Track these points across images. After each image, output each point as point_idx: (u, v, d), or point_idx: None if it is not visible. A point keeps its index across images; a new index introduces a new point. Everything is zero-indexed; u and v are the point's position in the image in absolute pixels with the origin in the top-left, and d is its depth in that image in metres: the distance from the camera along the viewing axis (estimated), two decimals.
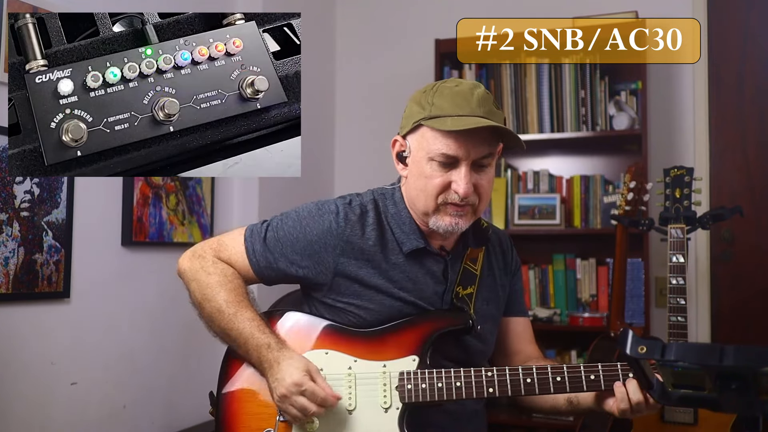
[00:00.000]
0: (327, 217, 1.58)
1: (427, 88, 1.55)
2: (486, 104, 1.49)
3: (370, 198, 1.63)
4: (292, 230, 1.58)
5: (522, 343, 1.73)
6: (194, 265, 1.60)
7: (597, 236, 3.24)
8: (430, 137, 1.49)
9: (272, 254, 1.58)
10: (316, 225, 1.57)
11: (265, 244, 1.58)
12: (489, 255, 1.69)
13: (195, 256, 1.61)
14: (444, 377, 1.48)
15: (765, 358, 0.84)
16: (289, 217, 1.61)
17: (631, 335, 0.94)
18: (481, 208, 1.55)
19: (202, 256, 1.61)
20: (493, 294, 1.68)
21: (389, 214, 1.60)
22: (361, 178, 3.71)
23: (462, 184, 1.47)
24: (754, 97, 3.21)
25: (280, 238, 1.58)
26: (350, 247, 1.56)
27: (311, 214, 1.59)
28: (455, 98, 1.48)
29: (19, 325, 2.23)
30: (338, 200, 1.63)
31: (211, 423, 1.58)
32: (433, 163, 1.49)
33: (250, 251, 1.59)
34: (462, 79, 1.56)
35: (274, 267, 1.58)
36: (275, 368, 1.46)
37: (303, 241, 1.57)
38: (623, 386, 1.43)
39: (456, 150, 1.47)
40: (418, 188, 1.53)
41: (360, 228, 1.57)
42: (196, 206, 2.96)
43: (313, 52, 3.62)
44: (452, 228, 1.52)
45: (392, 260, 1.57)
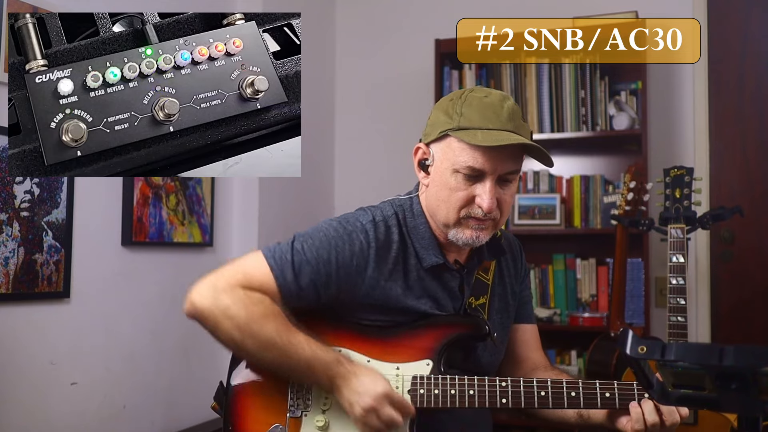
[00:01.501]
0: (356, 238, 1.50)
1: (454, 96, 1.51)
2: (515, 118, 1.46)
3: (392, 212, 1.57)
4: (321, 251, 1.48)
5: (529, 351, 1.72)
6: (222, 302, 1.44)
7: (597, 236, 3.24)
8: (457, 149, 1.45)
9: (301, 278, 1.48)
10: (347, 247, 1.49)
11: (293, 271, 1.47)
12: (500, 263, 1.67)
13: (218, 290, 1.45)
14: (458, 384, 1.46)
15: (765, 358, 0.84)
16: (315, 237, 1.50)
17: (631, 335, 0.94)
18: (502, 222, 1.53)
19: (228, 289, 1.45)
20: (504, 303, 1.67)
21: (409, 227, 1.56)
22: (361, 178, 3.72)
23: (486, 199, 1.44)
24: (754, 97, 3.21)
25: (309, 261, 1.48)
26: (379, 267, 1.51)
27: (339, 235, 1.50)
28: (485, 110, 1.45)
29: (19, 325, 2.23)
30: (361, 217, 1.55)
31: (211, 423, 1.58)
32: (459, 175, 1.46)
33: (279, 279, 1.47)
34: (491, 89, 1.52)
35: (302, 293, 1.49)
36: (354, 381, 1.41)
37: (334, 263, 1.49)
38: (639, 407, 1.42)
39: (483, 164, 1.44)
40: (440, 199, 1.50)
41: (387, 247, 1.53)
42: (196, 206, 2.96)
43: (313, 52, 3.62)
44: (472, 242, 1.50)
45: (414, 275, 1.54)
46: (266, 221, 3.21)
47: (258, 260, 1.49)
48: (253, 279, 1.47)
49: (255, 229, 3.17)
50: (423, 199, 1.58)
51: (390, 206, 1.59)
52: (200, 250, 2.99)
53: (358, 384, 1.41)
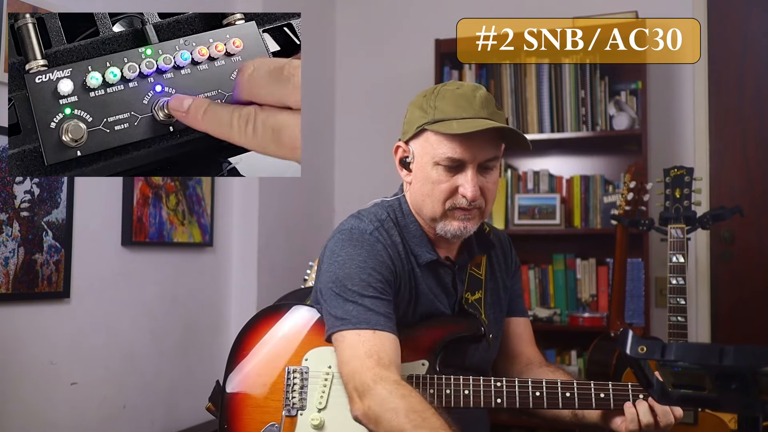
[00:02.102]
0: (378, 249, 1.50)
1: (427, 92, 1.53)
2: (489, 105, 1.48)
3: (385, 215, 1.58)
4: (371, 280, 1.46)
5: (523, 345, 1.73)
6: (376, 409, 1.35)
7: (597, 236, 3.24)
8: (434, 141, 1.47)
9: (381, 309, 1.45)
10: (378, 257, 1.49)
11: (374, 311, 1.44)
12: (491, 258, 1.68)
13: (366, 395, 1.37)
14: (453, 384, 1.47)
15: (765, 358, 0.84)
16: (354, 275, 1.47)
17: (631, 335, 0.94)
18: (488, 211, 1.54)
19: (371, 388, 1.36)
20: (496, 297, 1.67)
21: (401, 227, 1.58)
22: (361, 178, 3.72)
23: (469, 187, 1.46)
24: (754, 97, 3.21)
25: (370, 295, 1.45)
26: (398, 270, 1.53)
27: (364, 250, 1.49)
28: (458, 101, 1.47)
29: (19, 325, 2.23)
30: (364, 226, 1.54)
31: (211, 423, 1.58)
32: (439, 168, 1.47)
33: (377, 326, 1.42)
34: (462, 82, 1.54)
35: (393, 316, 1.47)
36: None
37: (381, 274, 1.48)
38: (633, 407, 1.43)
39: (462, 153, 1.45)
40: (424, 194, 1.51)
41: (395, 249, 1.54)
42: (196, 206, 2.96)
43: (313, 52, 3.62)
44: (460, 232, 1.51)
45: (417, 274, 1.55)
46: (266, 221, 3.21)
47: (350, 339, 1.43)
48: (376, 355, 1.40)
49: (255, 229, 3.17)
50: (409, 198, 1.59)
51: (382, 209, 1.60)
52: (200, 250, 2.99)
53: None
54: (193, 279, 2.92)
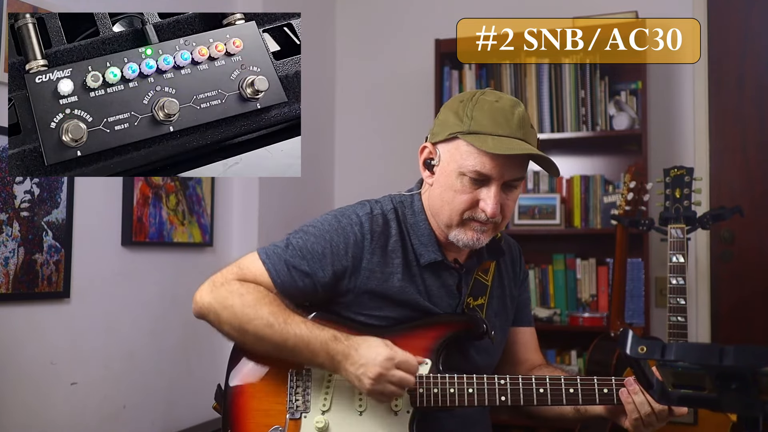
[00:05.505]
0: (350, 230, 1.53)
1: (465, 98, 1.50)
2: (525, 126, 1.47)
3: (390, 207, 1.58)
4: (316, 246, 1.52)
5: (528, 352, 1.73)
6: (220, 294, 1.50)
7: (597, 236, 3.24)
8: (465, 152, 1.46)
9: (295, 272, 1.51)
10: (341, 239, 1.52)
11: (286, 264, 1.51)
12: (500, 265, 1.68)
13: (216, 285, 1.53)
14: (456, 383, 1.47)
15: (765, 358, 0.84)
16: (310, 233, 1.54)
17: (631, 335, 0.94)
18: (502, 226, 1.53)
19: (225, 283, 1.52)
20: (503, 306, 1.67)
21: (408, 223, 1.57)
22: (361, 177, 3.72)
23: (491, 204, 1.45)
24: (754, 97, 3.21)
25: (304, 256, 1.51)
26: (375, 260, 1.52)
27: (333, 228, 1.53)
28: (496, 116, 1.45)
29: (19, 325, 2.23)
30: (359, 209, 1.57)
31: (211, 423, 1.58)
32: (464, 178, 1.46)
33: (272, 272, 1.51)
34: (502, 93, 1.51)
35: (298, 286, 1.52)
36: (354, 355, 1.42)
37: (329, 256, 1.51)
38: (630, 396, 1.43)
39: (491, 170, 1.44)
40: (444, 200, 1.50)
41: (384, 240, 1.54)
42: (196, 206, 2.96)
43: (313, 52, 3.62)
44: (473, 243, 1.50)
45: (412, 272, 1.55)
46: (266, 221, 3.21)
47: (253, 257, 1.55)
48: (248, 273, 1.53)
49: (255, 229, 3.17)
50: (425, 198, 1.58)
51: (390, 201, 1.61)
52: (200, 250, 2.99)
53: (359, 356, 1.41)
54: (193, 279, 2.88)
